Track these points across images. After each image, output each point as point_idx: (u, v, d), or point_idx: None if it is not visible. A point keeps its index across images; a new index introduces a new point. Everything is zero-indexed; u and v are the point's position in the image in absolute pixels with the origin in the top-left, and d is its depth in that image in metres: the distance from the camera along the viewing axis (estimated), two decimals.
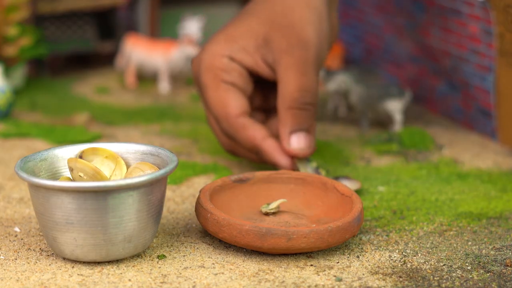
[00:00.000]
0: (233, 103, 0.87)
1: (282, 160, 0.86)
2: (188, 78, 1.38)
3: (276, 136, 0.89)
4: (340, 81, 1.14)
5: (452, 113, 1.14)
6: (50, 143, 1.05)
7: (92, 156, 0.77)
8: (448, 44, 1.12)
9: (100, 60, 1.47)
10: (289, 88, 0.86)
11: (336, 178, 0.88)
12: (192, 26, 1.38)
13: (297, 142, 0.86)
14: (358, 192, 0.88)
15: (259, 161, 0.90)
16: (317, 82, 0.88)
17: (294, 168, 0.87)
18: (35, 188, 0.70)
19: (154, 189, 0.71)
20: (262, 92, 0.93)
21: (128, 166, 0.77)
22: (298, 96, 0.86)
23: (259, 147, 0.86)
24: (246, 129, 0.86)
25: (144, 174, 0.71)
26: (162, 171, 0.71)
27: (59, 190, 0.68)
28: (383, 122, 1.14)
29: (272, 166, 0.88)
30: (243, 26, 0.89)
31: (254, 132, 0.86)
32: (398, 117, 1.09)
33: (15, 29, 1.24)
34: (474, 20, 1.06)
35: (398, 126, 1.09)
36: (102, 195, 0.68)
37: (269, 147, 0.86)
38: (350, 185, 0.87)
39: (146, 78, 1.38)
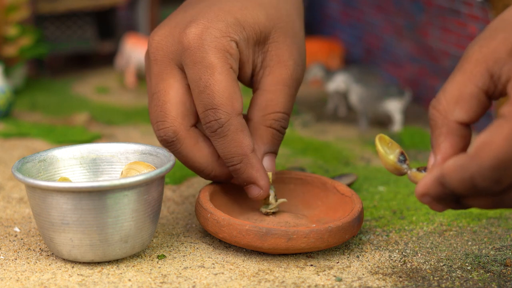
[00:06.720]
0: (239, 96, 0.74)
1: (263, 180, 0.76)
2: None
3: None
4: (340, 81, 1.14)
5: None
6: (50, 143, 1.05)
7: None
8: (447, 44, 1.12)
9: (100, 60, 1.47)
10: (276, 105, 0.77)
11: (333, 177, 0.88)
12: None
13: (269, 164, 0.78)
14: (358, 190, 0.88)
15: (228, 177, 0.79)
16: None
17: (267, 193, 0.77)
18: (31, 189, 0.70)
19: (150, 189, 0.71)
20: None
21: None
22: (281, 117, 0.78)
23: (245, 158, 0.75)
24: (241, 133, 0.74)
25: (139, 174, 0.71)
26: (157, 171, 0.70)
27: (54, 190, 0.68)
28: (383, 122, 1.14)
29: (242, 184, 0.77)
30: (249, 10, 0.76)
31: (247, 140, 0.74)
32: (398, 117, 1.09)
33: (15, 29, 1.24)
34: (473, 20, 1.06)
35: (398, 126, 1.09)
36: (97, 195, 0.68)
37: (257, 161, 0.75)
38: (347, 179, 0.87)
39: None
